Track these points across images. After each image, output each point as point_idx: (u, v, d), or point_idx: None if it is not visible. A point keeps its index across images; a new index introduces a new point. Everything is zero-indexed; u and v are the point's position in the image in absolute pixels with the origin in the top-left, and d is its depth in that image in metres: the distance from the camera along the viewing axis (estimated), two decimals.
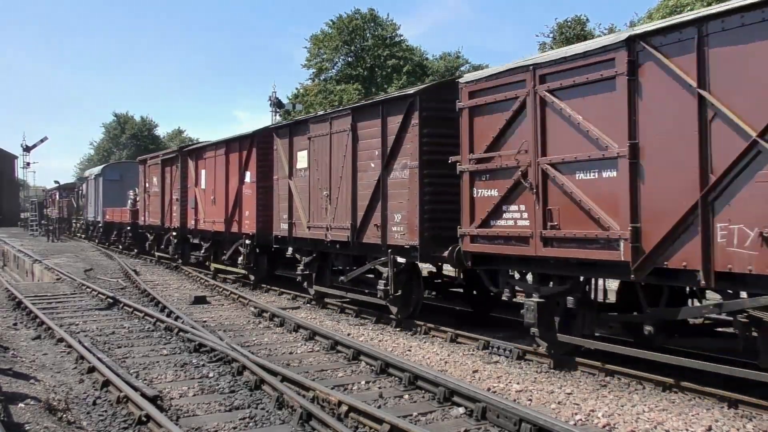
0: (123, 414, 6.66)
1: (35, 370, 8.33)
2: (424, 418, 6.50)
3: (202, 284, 17.56)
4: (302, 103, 49.21)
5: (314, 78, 54.29)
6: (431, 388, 7.17)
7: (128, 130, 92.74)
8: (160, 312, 12.52)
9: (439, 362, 8.74)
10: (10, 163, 62.75)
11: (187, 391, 7.41)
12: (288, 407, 6.69)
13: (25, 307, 12.96)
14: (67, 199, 44.26)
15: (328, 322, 11.87)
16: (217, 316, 12.49)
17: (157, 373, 8.20)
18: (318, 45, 53.32)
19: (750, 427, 6.12)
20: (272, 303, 13.85)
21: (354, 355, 8.86)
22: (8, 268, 28.70)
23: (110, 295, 14.24)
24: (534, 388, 7.41)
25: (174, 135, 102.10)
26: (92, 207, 35.07)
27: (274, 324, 11.62)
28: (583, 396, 7.11)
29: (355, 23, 52.16)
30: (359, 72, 51.70)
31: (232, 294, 15.09)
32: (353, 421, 6.27)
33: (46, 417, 6.23)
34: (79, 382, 7.91)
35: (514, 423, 5.95)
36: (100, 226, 33.37)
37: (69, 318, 12.14)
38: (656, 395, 7.12)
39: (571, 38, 35.38)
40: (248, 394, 7.29)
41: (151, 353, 9.35)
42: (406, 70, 50.86)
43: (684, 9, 26.05)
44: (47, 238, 37.55)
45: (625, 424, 6.19)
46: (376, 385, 7.64)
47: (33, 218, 46.35)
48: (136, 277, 17.98)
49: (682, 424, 6.17)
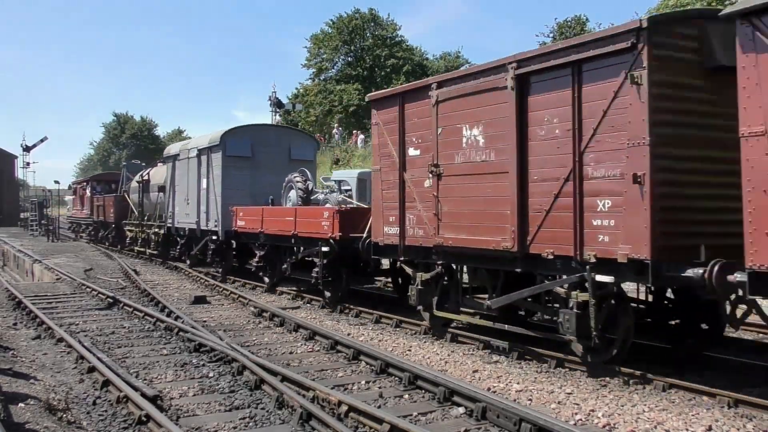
0: (123, 414, 6.66)
1: (35, 370, 8.33)
2: (424, 418, 6.50)
3: (202, 284, 17.55)
4: (302, 103, 49.28)
5: (314, 78, 54.35)
6: (431, 388, 7.17)
7: (128, 130, 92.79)
8: (160, 312, 12.52)
9: (439, 362, 8.74)
10: (10, 163, 62.69)
11: (187, 391, 7.41)
12: (288, 407, 6.69)
13: (25, 307, 12.96)
14: (115, 196, 29.77)
15: (328, 322, 11.86)
16: (217, 316, 12.49)
17: (157, 372, 8.20)
18: (318, 45, 53.39)
19: (750, 427, 6.12)
20: (272, 303, 13.84)
21: (354, 354, 8.86)
22: (8, 268, 28.69)
23: (110, 295, 14.23)
24: (534, 388, 7.41)
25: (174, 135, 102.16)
26: (188, 205, 19.79)
27: (274, 324, 11.62)
28: (583, 396, 7.11)
29: (355, 23, 52.22)
30: (359, 72, 51.74)
31: (232, 294, 15.09)
32: (353, 421, 6.27)
33: (46, 417, 6.24)
34: (79, 381, 7.91)
35: (514, 423, 5.95)
36: (219, 242, 18.05)
37: (69, 318, 12.14)
38: (656, 395, 7.11)
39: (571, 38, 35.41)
40: (248, 394, 7.29)
41: (151, 353, 9.35)
42: (406, 70, 50.90)
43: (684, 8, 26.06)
44: (47, 238, 37.49)
45: (625, 424, 6.19)
46: (376, 385, 7.64)
47: (33, 218, 44.53)
48: (136, 277, 17.97)
49: (682, 423, 6.17)
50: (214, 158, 18.21)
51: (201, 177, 18.89)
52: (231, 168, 17.83)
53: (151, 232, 23.95)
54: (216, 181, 18.00)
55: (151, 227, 23.99)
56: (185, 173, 20.10)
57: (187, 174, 19.93)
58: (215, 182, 18.07)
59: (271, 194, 16.49)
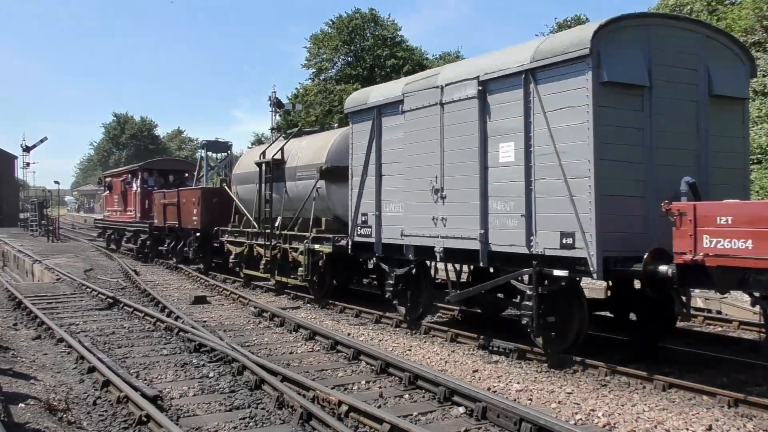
0: (123, 414, 6.66)
1: (35, 370, 8.33)
2: (424, 418, 6.50)
3: (202, 284, 17.55)
4: (302, 103, 49.26)
5: (314, 78, 54.33)
6: (431, 388, 7.17)
7: (128, 130, 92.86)
8: (160, 312, 12.52)
9: (439, 362, 8.74)
10: (9, 164, 62.61)
11: (187, 391, 7.41)
12: (288, 407, 6.69)
13: (25, 307, 12.96)
14: (201, 190, 19.99)
15: (328, 321, 11.86)
16: (217, 316, 12.48)
17: (157, 373, 8.20)
18: (318, 45, 53.37)
19: (750, 427, 6.12)
20: (272, 303, 13.84)
21: (354, 354, 8.86)
22: (8, 268, 28.69)
23: (110, 295, 14.23)
24: (534, 388, 7.41)
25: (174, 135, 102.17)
26: (442, 202, 9.73)
27: (274, 324, 11.62)
28: (584, 395, 7.11)
29: (355, 23, 52.22)
30: (359, 72, 51.73)
31: (232, 294, 15.08)
32: (353, 421, 6.27)
33: (46, 417, 6.23)
34: (80, 382, 7.91)
35: (514, 422, 5.95)
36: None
37: (69, 318, 12.14)
38: (656, 395, 7.12)
39: None
40: (248, 394, 7.29)
41: (152, 353, 9.35)
42: (406, 70, 50.87)
43: (683, 9, 26.07)
44: (47, 238, 37.48)
45: (625, 424, 6.19)
46: (376, 385, 7.64)
47: (33, 219, 44.28)
48: (136, 277, 17.97)
49: (682, 423, 6.17)
50: (560, 93, 8.09)
51: (502, 138, 8.86)
52: (612, 111, 7.89)
53: (299, 250, 13.79)
54: (581, 144, 7.80)
55: (299, 241, 14.01)
56: (434, 135, 9.96)
57: (439, 136, 9.87)
58: (580, 144, 7.85)
59: (674, 176, 7.90)
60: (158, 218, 22.81)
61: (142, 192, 24.92)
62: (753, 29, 21.41)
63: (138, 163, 28.34)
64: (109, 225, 30.49)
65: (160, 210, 22.43)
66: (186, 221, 20.23)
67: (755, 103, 19.20)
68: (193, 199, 19.64)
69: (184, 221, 20.35)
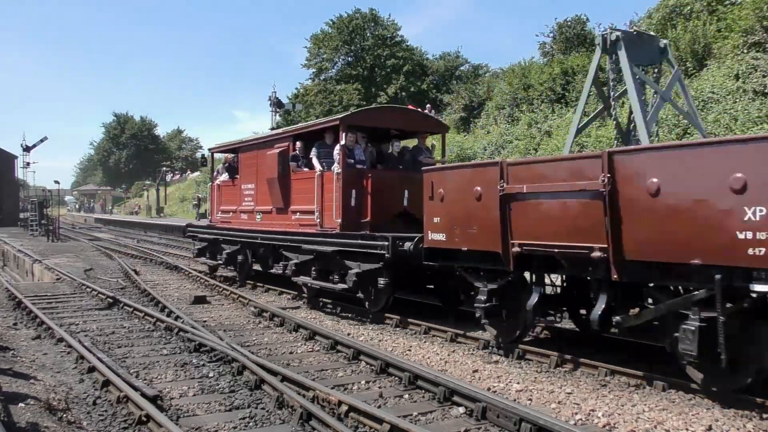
0: (123, 414, 6.66)
1: (35, 370, 8.33)
2: (424, 418, 6.50)
3: (202, 284, 17.55)
4: (302, 103, 49.23)
5: (314, 78, 54.37)
6: (431, 388, 7.17)
7: (128, 130, 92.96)
8: (160, 312, 12.52)
9: (439, 362, 8.74)
10: (10, 163, 62.59)
11: (187, 391, 7.41)
12: (288, 407, 6.69)
13: (25, 307, 12.96)
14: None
15: (328, 321, 11.86)
16: (217, 316, 12.48)
17: (157, 372, 8.20)
18: (318, 45, 53.43)
19: (750, 427, 6.12)
20: (272, 303, 13.84)
21: (354, 354, 8.87)
22: (8, 268, 28.69)
23: (110, 295, 14.22)
24: (534, 388, 7.41)
25: (173, 135, 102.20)
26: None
27: (274, 324, 11.62)
28: (583, 396, 7.11)
29: (356, 23, 52.27)
30: (359, 72, 51.77)
31: (232, 294, 15.09)
32: (353, 421, 6.27)
33: (46, 417, 6.23)
34: (79, 381, 7.91)
35: (514, 423, 5.95)
36: None
37: (69, 318, 12.14)
38: (656, 395, 7.12)
39: (571, 38, 35.36)
40: (248, 394, 7.29)
41: (151, 353, 9.35)
42: (406, 70, 50.92)
43: (683, 9, 26.07)
44: (47, 238, 37.46)
45: (625, 424, 6.19)
46: (376, 385, 7.65)
47: (33, 218, 44.21)
48: (136, 277, 17.96)
49: (682, 423, 6.17)
50: None
51: None
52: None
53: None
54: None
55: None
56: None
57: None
58: None
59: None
60: (445, 232, 9.41)
61: (349, 175, 12.21)
62: (753, 29, 21.39)
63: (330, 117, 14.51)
64: (231, 236, 16.60)
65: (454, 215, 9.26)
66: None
67: (755, 103, 19.17)
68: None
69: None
